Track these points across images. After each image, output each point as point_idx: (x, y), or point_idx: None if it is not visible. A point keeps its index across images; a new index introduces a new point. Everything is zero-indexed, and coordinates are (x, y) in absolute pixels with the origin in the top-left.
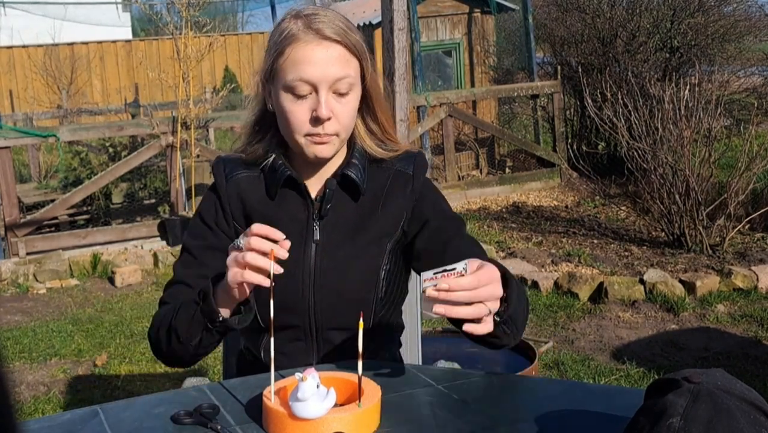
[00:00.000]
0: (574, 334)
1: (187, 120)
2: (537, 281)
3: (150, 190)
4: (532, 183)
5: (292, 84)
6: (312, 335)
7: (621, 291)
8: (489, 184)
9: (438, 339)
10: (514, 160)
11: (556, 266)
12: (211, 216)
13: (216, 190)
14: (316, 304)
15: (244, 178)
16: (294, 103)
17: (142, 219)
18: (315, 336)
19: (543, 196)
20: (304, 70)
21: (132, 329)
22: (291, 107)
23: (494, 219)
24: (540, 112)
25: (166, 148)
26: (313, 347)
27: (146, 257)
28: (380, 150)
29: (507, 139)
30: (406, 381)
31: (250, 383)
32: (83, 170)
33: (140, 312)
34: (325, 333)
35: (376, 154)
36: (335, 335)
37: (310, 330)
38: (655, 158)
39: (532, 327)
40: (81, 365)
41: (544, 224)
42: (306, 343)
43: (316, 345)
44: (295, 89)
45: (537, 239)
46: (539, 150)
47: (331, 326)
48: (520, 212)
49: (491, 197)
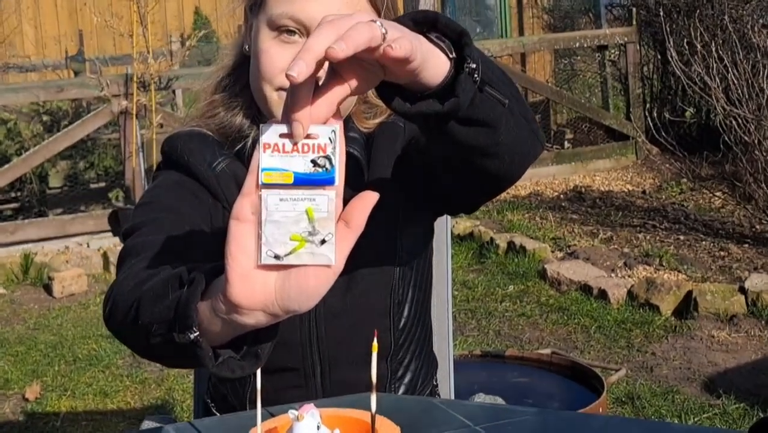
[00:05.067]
0: (653, 359)
1: (146, 79)
2: (605, 290)
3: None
4: (599, 161)
5: (278, 20)
6: (315, 377)
7: (715, 303)
8: (543, 163)
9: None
10: (576, 132)
11: (630, 270)
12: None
13: (192, 175)
14: (320, 331)
15: (232, 168)
16: (274, 44)
17: (88, 208)
18: (320, 378)
19: (613, 179)
20: (297, 4)
21: (75, 352)
22: (268, 47)
23: (549, 209)
24: (609, 69)
25: (120, 115)
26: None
27: (93, 258)
28: (373, 123)
29: (566, 103)
30: (434, 420)
31: (229, 424)
32: (11, 145)
33: (86, 330)
34: (335, 372)
35: (369, 130)
36: (349, 372)
37: (312, 372)
38: (760, 129)
39: (599, 350)
40: (7, 400)
41: (614, 215)
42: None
43: (322, 391)
44: (281, 27)
45: (605, 235)
46: (608, 118)
47: (344, 361)
48: (583, 200)
49: (545, 180)
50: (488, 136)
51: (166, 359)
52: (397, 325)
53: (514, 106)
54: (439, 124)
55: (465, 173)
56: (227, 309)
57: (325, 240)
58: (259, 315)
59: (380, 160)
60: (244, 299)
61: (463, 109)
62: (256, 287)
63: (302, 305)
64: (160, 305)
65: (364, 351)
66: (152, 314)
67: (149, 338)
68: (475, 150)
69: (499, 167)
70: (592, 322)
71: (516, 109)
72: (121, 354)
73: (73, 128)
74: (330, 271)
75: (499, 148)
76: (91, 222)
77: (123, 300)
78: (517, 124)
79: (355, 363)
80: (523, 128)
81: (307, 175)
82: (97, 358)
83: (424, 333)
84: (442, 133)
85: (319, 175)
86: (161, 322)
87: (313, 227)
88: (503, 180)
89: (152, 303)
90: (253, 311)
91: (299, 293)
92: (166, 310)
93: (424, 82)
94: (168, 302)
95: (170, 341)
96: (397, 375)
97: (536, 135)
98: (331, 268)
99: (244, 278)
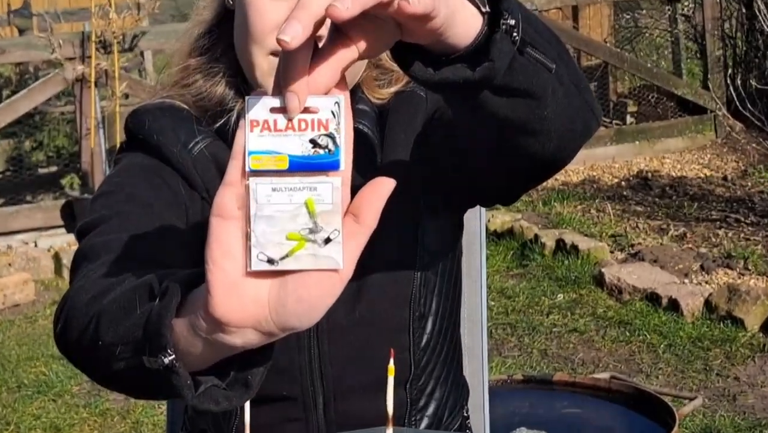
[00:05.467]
0: (737, 385)
1: (107, 38)
2: (677, 299)
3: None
4: (669, 140)
5: None
6: (317, 408)
7: None
8: (600, 143)
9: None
10: (640, 104)
11: (707, 274)
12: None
13: (163, 158)
14: (323, 352)
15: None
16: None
17: (36, 199)
18: (323, 409)
19: (686, 162)
20: None
21: (19, 377)
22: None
23: (608, 198)
24: (682, 26)
25: (75, 83)
26: (318, 429)
27: (42, 259)
28: (387, 92)
29: (628, 69)
30: None
31: None
32: None
33: (32, 350)
34: (341, 401)
35: (382, 102)
36: (359, 402)
37: (314, 401)
38: None
39: (669, 374)
40: None
41: (688, 207)
42: (307, 423)
43: (325, 425)
44: None
45: (677, 231)
46: (680, 87)
47: (352, 388)
48: (650, 188)
49: (603, 163)
50: (530, 109)
51: (134, 389)
52: (418, 343)
53: (563, 71)
54: (469, 95)
55: (502, 155)
56: (209, 327)
57: (330, 239)
58: (249, 334)
59: (397, 139)
60: (231, 315)
61: (499, 76)
62: (246, 299)
63: (303, 320)
64: (126, 322)
65: (378, 376)
66: (115, 333)
67: (112, 363)
68: (515, 126)
69: (545, 147)
70: (661, 339)
71: (565, 75)
72: (77, 379)
73: (17, 99)
74: (337, 277)
75: (544, 123)
76: (39, 216)
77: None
78: (566, 94)
79: (366, 391)
80: (573, 99)
81: (306, 158)
82: (47, 384)
83: (452, 353)
84: (473, 106)
85: (320, 159)
86: (127, 343)
87: (314, 222)
88: (549, 163)
89: (115, 319)
90: (241, 329)
91: (299, 306)
92: (133, 328)
93: (451, 43)
94: (135, 319)
95: (138, 366)
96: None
97: (590, 107)
98: (338, 273)
99: (230, 288)
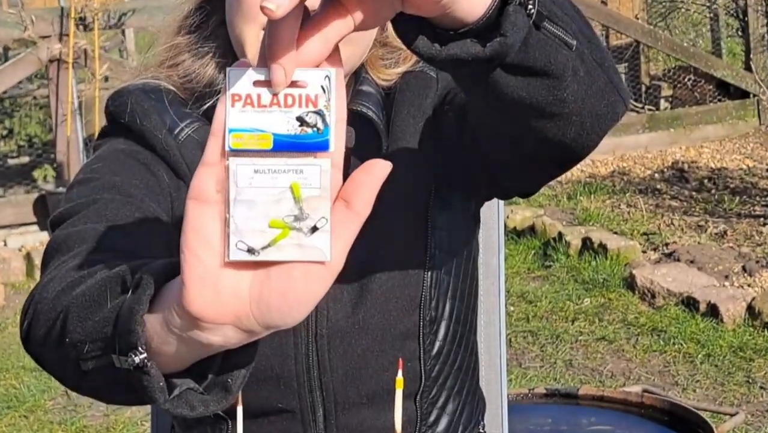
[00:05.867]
0: None
1: (86, 14)
2: (716, 305)
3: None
4: (708, 127)
5: None
6: (316, 422)
7: None
8: (630, 130)
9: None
10: (676, 87)
11: (750, 276)
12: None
13: (146, 144)
14: (323, 360)
15: (201, 135)
16: None
17: (6, 193)
18: (323, 424)
19: (727, 151)
20: None
21: None
22: None
23: (640, 192)
24: (722, 0)
25: (50, 64)
26: None
27: (12, 261)
28: (394, 72)
29: (662, 48)
30: None
31: None
32: None
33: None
34: (343, 415)
35: (388, 83)
36: (363, 416)
37: (313, 415)
38: None
39: (707, 387)
40: None
41: (729, 202)
42: None
43: None
44: None
45: (716, 229)
46: (720, 68)
47: (355, 401)
48: (686, 180)
49: (634, 153)
50: (549, 90)
51: (104, 392)
52: (429, 351)
53: (585, 48)
54: (480, 74)
55: (519, 141)
56: (184, 323)
57: (317, 227)
58: (228, 331)
59: (404, 124)
60: (208, 310)
61: (512, 53)
62: (224, 292)
63: (287, 317)
64: (95, 317)
65: (384, 387)
66: (83, 330)
67: (80, 363)
68: (532, 109)
69: (565, 133)
70: (699, 348)
71: (588, 53)
72: (51, 393)
73: None
74: (324, 270)
75: (563, 106)
76: (9, 211)
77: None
78: (589, 73)
79: (370, 403)
80: (598, 79)
81: (292, 137)
82: (18, 398)
83: (467, 362)
84: (484, 87)
85: (307, 138)
86: (95, 340)
87: (300, 209)
88: (571, 150)
89: (84, 314)
90: (219, 326)
91: (282, 301)
92: (103, 323)
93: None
94: (105, 313)
95: (108, 366)
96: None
97: (617, 89)
98: (325, 265)
99: (207, 280)
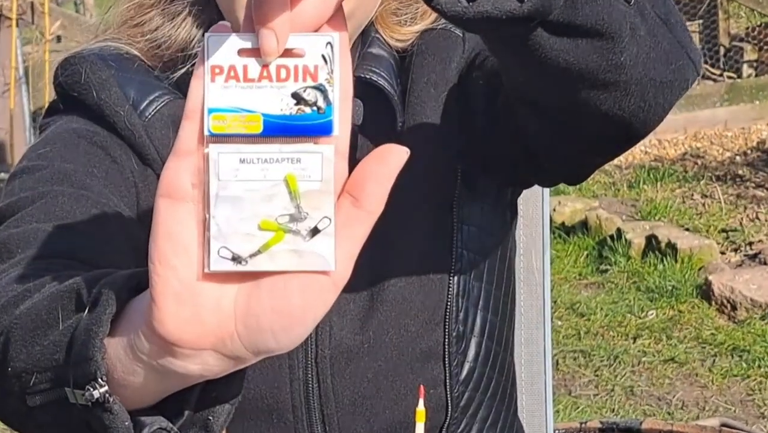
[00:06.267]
0: None
1: None
2: None
3: None
4: None
5: None
6: None
7: None
8: (704, 102)
9: None
10: (762, 49)
11: None
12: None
13: (106, 122)
14: (325, 386)
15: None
16: None
17: None
18: None
19: None
20: None
21: None
22: None
23: (715, 178)
24: None
25: None
26: None
27: None
28: (410, 31)
29: (746, 1)
30: None
31: None
32: None
33: None
34: None
35: (404, 45)
36: None
37: None
38: None
39: None
40: None
41: None
42: None
43: None
44: None
45: None
46: None
47: (362, 426)
48: None
49: (710, 129)
50: (602, 54)
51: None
52: (457, 374)
53: (646, 1)
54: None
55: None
56: (155, 348)
57: (318, 229)
58: (208, 358)
59: (424, 95)
60: (183, 332)
61: (556, 9)
62: (203, 310)
63: (282, 339)
64: (43, 341)
65: (401, 420)
66: (29, 357)
67: (26, 398)
68: (581, 77)
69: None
70: None
71: (650, 7)
72: None
73: None
74: (327, 280)
75: (620, 73)
76: None
77: None
78: (651, 32)
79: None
80: (662, 39)
81: (287, 118)
82: None
83: (502, 389)
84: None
85: (306, 119)
86: (44, 370)
87: (297, 206)
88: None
89: (29, 338)
90: (198, 352)
91: (276, 320)
92: (53, 349)
93: None
94: (55, 336)
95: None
96: None
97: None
98: (328, 275)
99: (183, 295)
